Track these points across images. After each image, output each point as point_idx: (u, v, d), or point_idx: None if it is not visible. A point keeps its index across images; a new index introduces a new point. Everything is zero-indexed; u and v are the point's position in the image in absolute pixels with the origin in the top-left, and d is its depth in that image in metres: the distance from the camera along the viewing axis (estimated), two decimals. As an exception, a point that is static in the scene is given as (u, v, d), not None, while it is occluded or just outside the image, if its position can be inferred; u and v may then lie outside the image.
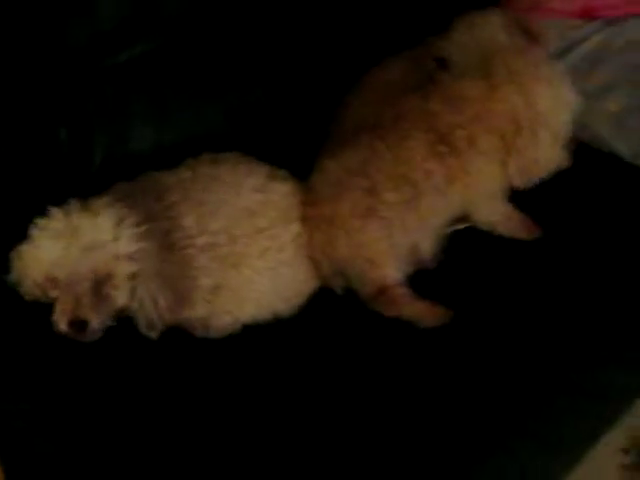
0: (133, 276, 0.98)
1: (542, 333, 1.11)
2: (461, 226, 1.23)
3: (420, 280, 1.16)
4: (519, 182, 1.16)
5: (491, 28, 1.20)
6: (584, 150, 1.34)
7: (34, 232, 0.99)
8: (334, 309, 1.16)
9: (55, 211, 0.99)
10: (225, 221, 1.09)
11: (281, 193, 1.14)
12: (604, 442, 1.13)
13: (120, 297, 0.98)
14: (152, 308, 0.98)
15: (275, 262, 1.12)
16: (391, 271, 1.12)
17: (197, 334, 1.12)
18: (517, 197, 1.26)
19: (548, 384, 1.06)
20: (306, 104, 1.34)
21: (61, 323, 0.97)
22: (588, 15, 1.35)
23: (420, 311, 1.11)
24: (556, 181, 1.31)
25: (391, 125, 1.13)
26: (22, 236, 1.00)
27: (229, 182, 1.12)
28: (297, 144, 1.28)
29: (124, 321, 1.02)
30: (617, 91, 1.31)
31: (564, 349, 1.09)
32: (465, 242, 1.22)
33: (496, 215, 1.21)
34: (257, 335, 1.13)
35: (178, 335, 1.08)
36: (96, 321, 0.97)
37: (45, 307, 0.99)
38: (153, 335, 1.00)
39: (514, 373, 1.06)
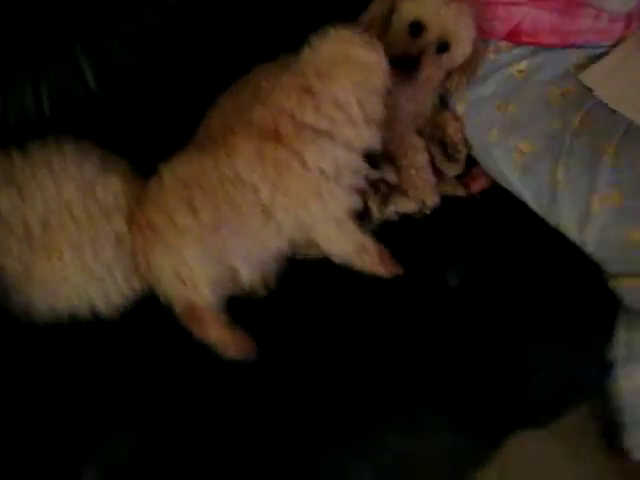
0: None
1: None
2: (313, 253, 1.14)
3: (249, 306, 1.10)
4: None
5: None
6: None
7: None
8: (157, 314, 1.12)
9: None
10: (43, 209, 1.06)
11: (110, 189, 1.09)
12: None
13: None
14: None
15: (91, 258, 1.08)
16: (203, 292, 1.06)
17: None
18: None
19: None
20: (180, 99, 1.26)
21: None
22: (514, 39, 1.19)
23: (225, 339, 1.05)
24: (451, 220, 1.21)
25: (222, 141, 1.05)
26: None
27: (57, 170, 1.08)
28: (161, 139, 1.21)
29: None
30: (530, 130, 1.16)
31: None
32: (311, 271, 1.14)
33: (348, 245, 1.10)
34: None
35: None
36: None
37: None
38: None
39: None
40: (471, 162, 1.25)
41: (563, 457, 1.45)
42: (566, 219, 1.13)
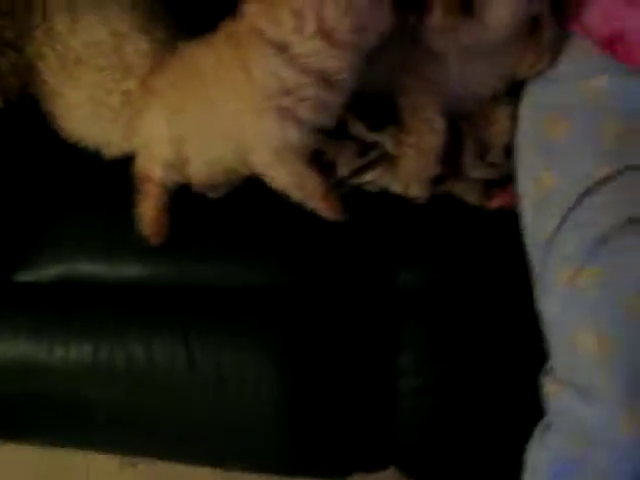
0: None
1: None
2: None
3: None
4: None
5: None
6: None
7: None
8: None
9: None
10: (82, 44, 1.16)
11: (137, 48, 1.14)
12: None
13: None
14: None
15: (101, 102, 1.16)
16: (156, 167, 1.09)
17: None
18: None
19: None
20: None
21: None
22: (606, 46, 0.92)
23: (149, 219, 1.09)
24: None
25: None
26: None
27: (105, 13, 1.15)
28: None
29: None
30: (561, 161, 0.94)
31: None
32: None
33: (285, 176, 1.00)
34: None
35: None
36: None
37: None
38: None
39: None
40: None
41: None
42: (536, 276, 0.92)
